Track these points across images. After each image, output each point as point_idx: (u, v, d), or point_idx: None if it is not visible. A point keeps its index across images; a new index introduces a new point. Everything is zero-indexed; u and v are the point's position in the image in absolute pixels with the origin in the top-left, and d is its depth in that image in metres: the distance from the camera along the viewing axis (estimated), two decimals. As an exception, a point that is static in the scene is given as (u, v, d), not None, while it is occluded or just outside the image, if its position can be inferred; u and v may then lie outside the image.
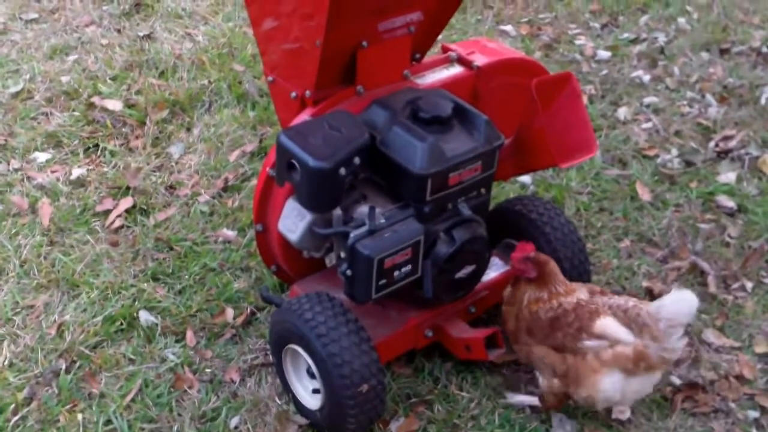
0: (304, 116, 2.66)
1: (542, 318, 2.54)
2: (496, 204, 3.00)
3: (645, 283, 3.16)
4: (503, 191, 3.48)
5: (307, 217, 2.55)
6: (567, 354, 2.51)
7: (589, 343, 2.47)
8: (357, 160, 2.46)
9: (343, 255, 2.51)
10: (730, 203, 3.53)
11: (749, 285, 3.19)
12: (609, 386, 2.48)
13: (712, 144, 3.83)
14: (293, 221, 2.59)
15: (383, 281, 2.47)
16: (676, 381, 2.83)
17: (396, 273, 2.49)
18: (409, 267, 2.51)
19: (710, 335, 2.99)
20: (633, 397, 2.57)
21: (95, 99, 4.08)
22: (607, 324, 2.47)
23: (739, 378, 2.86)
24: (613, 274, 3.21)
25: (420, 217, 2.51)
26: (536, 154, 2.68)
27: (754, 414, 2.76)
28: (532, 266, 2.59)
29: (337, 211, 2.53)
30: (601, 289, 2.61)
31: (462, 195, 2.57)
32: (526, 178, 3.60)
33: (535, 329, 2.55)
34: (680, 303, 2.43)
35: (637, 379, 2.48)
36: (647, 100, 4.09)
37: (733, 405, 2.78)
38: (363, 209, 2.52)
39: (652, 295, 3.11)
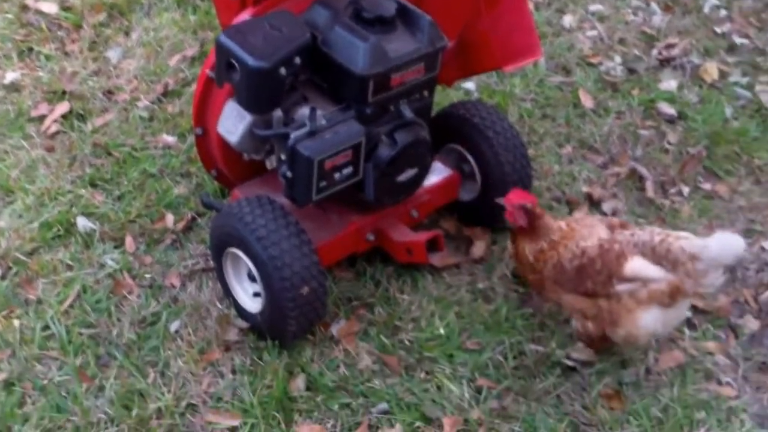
0: (245, 16, 2.59)
1: (568, 268, 2.47)
2: (439, 109, 2.99)
3: (585, 189, 3.19)
4: (447, 97, 3.46)
5: (247, 118, 2.52)
6: (599, 299, 2.45)
7: (621, 287, 2.41)
8: (298, 60, 2.41)
9: (283, 157, 2.48)
10: (670, 110, 3.54)
11: (686, 190, 3.24)
12: (649, 322, 2.42)
13: (654, 52, 3.83)
14: (233, 123, 2.55)
15: (324, 183, 2.46)
16: (614, 284, 2.87)
17: (337, 175, 2.47)
18: (350, 169, 2.49)
19: (647, 239, 3.04)
20: (672, 325, 2.53)
21: (29, 1, 3.95)
22: (638, 265, 2.39)
23: (674, 280, 2.92)
24: (554, 179, 3.23)
25: (361, 119, 2.49)
26: (480, 56, 2.66)
27: (686, 314, 2.82)
28: (525, 216, 2.52)
29: (278, 113, 2.50)
30: (621, 222, 2.54)
31: (404, 97, 2.55)
32: (470, 85, 3.58)
33: (562, 279, 2.49)
34: (726, 246, 2.32)
35: (674, 309, 2.43)
36: (592, 7, 4.07)
37: (667, 306, 2.84)
38: (304, 111, 2.49)
39: (591, 200, 3.15)
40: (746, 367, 2.70)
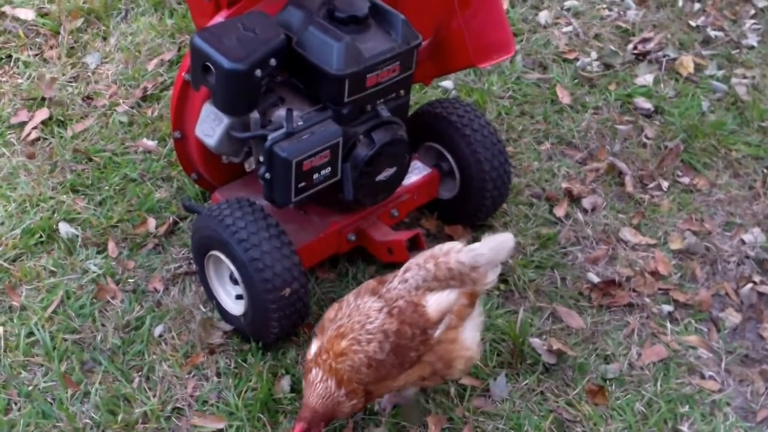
0: (219, 19, 2.60)
1: (385, 358, 2.28)
2: (417, 108, 3.00)
3: (564, 185, 3.21)
4: (426, 96, 3.47)
5: (225, 120, 2.52)
6: (425, 357, 2.33)
7: (438, 331, 2.31)
8: (273, 62, 2.42)
9: (261, 159, 2.49)
10: (647, 105, 3.57)
11: (665, 184, 3.26)
12: (471, 335, 2.37)
13: (630, 47, 3.85)
14: (210, 126, 2.55)
15: (303, 184, 2.47)
16: (594, 278, 2.90)
17: (315, 176, 2.48)
18: (328, 169, 2.50)
19: (627, 233, 3.06)
20: (480, 321, 2.44)
21: (6, 8, 3.94)
22: (436, 303, 2.30)
23: (654, 274, 2.94)
24: (533, 176, 3.25)
25: (338, 119, 2.50)
26: (454, 54, 2.67)
27: (668, 308, 2.85)
28: (318, 424, 2.33)
29: (255, 115, 2.50)
30: (377, 279, 2.40)
31: (381, 96, 2.56)
32: (448, 83, 3.59)
33: (385, 371, 2.31)
34: (497, 248, 2.29)
35: (476, 310, 2.38)
36: (568, 3, 4.09)
37: (648, 300, 2.86)
38: (281, 112, 2.50)
39: (571, 196, 3.17)
40: (729, 361, 2.73)
